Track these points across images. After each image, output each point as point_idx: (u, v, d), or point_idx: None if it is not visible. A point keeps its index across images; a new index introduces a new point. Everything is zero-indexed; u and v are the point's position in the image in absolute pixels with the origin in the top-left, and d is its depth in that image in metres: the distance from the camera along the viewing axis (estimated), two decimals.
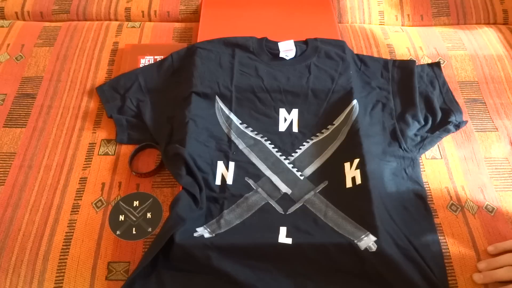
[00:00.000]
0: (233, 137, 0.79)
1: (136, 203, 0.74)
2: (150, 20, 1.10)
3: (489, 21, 1.10)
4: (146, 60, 0.93)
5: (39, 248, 0.70)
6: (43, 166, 0.79)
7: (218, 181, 0.74)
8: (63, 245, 0.70)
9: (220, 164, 0.76)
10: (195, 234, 0.66)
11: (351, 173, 0.74)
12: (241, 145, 0.78)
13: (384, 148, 0.79)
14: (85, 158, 0.80)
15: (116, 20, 1.10)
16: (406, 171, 0.77)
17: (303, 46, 0.92)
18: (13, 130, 0.84)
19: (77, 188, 0.76)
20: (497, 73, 0.95)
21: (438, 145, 0.83)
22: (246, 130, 0.80)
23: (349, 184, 0.73)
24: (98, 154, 0.81)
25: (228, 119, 0.81)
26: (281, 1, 1.05)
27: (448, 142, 0.83)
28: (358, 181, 0.72)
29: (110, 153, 0.81)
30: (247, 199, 0.72)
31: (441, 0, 1.11)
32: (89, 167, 0.79)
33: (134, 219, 0.72)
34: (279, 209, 0.71)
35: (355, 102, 0.82)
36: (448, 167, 0.80)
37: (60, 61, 0.96)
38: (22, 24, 1.04)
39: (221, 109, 0.82)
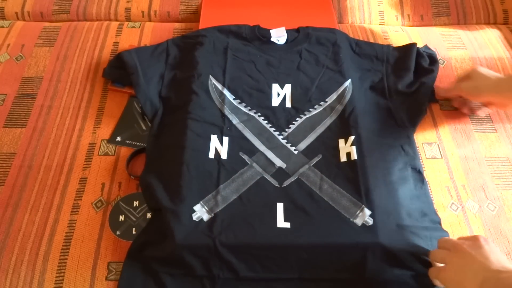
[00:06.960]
0: (227, 112, 0.80)
1: (136, 203, 0.73)
2: (150, 20, 1.10)
3: (489, 21, 1.10)
4: None
5: (39, 248, 0.69)
6: (43, 166, 0.79)
7: (211, 155, 0.74)
8: (63, 245, 0.70)
9: (214, 138, 0.76)
10: (194, 217, 0.67)
11: (346, 148, 0.75)
12: (235, 120, 0.79)
13: (380, 125, 0.80)
14: (85, 158, 0.80)
15: (116, 20, 1.10)
16: (403, 147, 0.78)
17: (295, 33, 0.94)
18: (13, 130, 0.84)
19: (77, 188, 0.76)
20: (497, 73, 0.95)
21: (438, 144, 0.83)
22: (239, 106, 0.81)
23: (343, 158, 0.74)
24: (98, 154, 0.80)
25: (221, 94, 0.82)
26: (281, 1, 1.05)
27: (448, 142, 0.83)
28: (354, 156, 0.73)
29: (110, 153, 0.81)
30: (242, 174, 0.72)
31: (441, 0, 1.11)
32: (89, 167, 0.79)
33: (134, 219, 0.72)
34: (274, 182, 0.72)
35: (348, 83, 0.84)
36: (448, 167, 0.80)
37: (60, 61, 0.95)
38: (22, 24, 1.04)
39: (214, 85, 0.83)
